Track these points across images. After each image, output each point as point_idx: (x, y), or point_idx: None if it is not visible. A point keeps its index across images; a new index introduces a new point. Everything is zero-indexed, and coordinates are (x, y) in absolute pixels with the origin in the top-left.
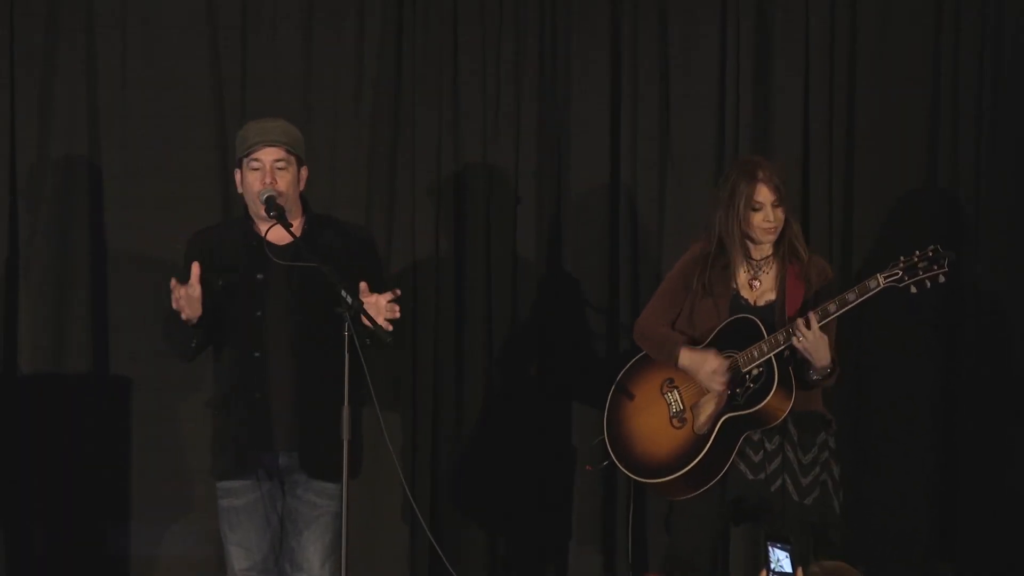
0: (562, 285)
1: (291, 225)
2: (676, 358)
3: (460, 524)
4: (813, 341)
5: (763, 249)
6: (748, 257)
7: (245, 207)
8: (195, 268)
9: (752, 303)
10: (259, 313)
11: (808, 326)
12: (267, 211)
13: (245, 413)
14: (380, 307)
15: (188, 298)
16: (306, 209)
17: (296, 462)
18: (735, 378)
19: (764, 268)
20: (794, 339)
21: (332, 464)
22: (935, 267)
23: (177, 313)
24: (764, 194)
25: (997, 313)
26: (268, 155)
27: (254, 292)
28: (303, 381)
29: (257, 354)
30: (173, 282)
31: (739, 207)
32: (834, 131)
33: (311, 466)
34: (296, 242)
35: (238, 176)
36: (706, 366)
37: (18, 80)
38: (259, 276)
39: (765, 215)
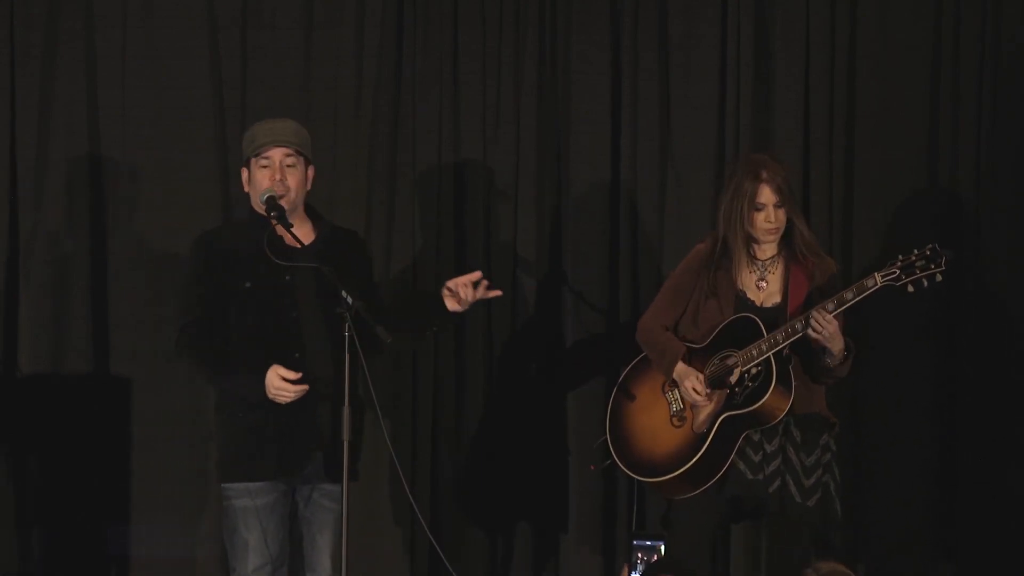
0: (562, 285)
1: (291, 225)
2: (672, 373)
3: (460, 524)
4: (834, 330)
5: (767, 249)
6: (753, 257)
7: (251, 208)
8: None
9: (759, 304)
10: (294, 315)
11: (825, 315)
12: (267, 211)
13: (291, 415)
14: (466, 288)
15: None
16: (312, 212)
17: (319, 466)
18: (723, 384)
19: (770, 268)
20: (809, 330)
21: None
22: (932, 266)
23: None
24: (766, 195)
25: (997, 311)
26: (278, 153)
27: (285, 295)
28: (341, 382)
29: (297, 355)
30: (284, 383)
31: (743, 206)
32: (834, 130)
33: (336, 470)
34: (300, 242)
35: (245, 175)
36: (686, 382)
37: (18, 80)
38: (287, 278)
39: (767, 215)
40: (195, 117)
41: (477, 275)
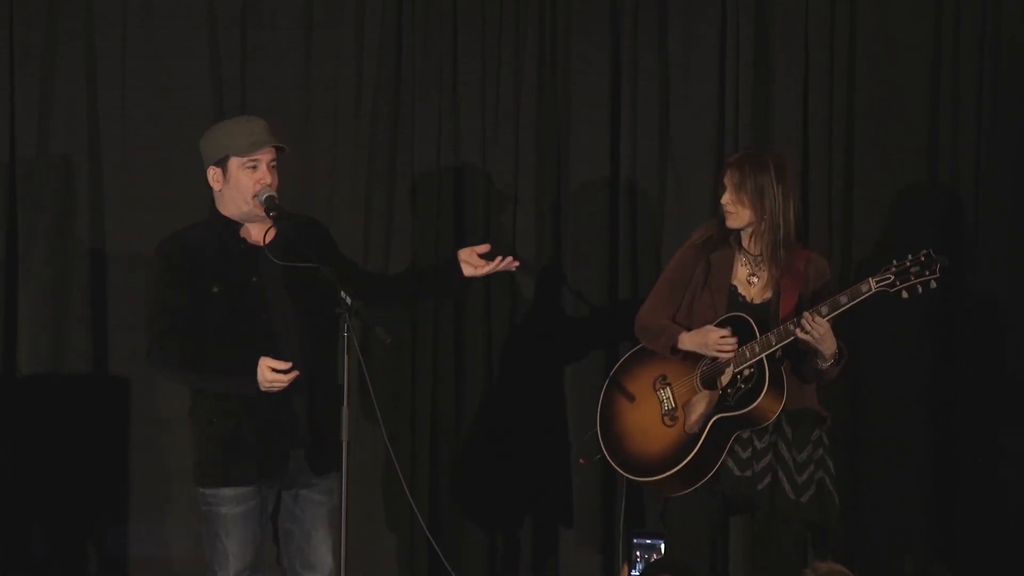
0: (562, 285)
1: (291, 225)
2: (676, 344)
3: (459, 524)
4: (825, 332)
5: (756, 242)
6: (746, 252)
7: (214, 209)
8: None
9: (749, 300)
10: (265, 317)
11: (816, 317)
12: (267, 211)
13: (270, 417)
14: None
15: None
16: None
17: (301, 463)
18: (714, 384)
19: (762, 265)
20: (799, 331)
21: (333, 460)
22: (927, 272)
23: (238, 375)
24: (727, 178)
25: (995, 312)
26: (266, 155)
27: (254, 297)
28: (316, 380)
29: (270, 357)
30: (276, 374)
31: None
32: (834, 130)
33: (319, 464)
34: (289, 241)
35: (216, 173)
36: (711, 336)
37: (18, 80)
38: (254, 280)
39: (724, 198)
40: (195, 117)
41: (485, 248)
